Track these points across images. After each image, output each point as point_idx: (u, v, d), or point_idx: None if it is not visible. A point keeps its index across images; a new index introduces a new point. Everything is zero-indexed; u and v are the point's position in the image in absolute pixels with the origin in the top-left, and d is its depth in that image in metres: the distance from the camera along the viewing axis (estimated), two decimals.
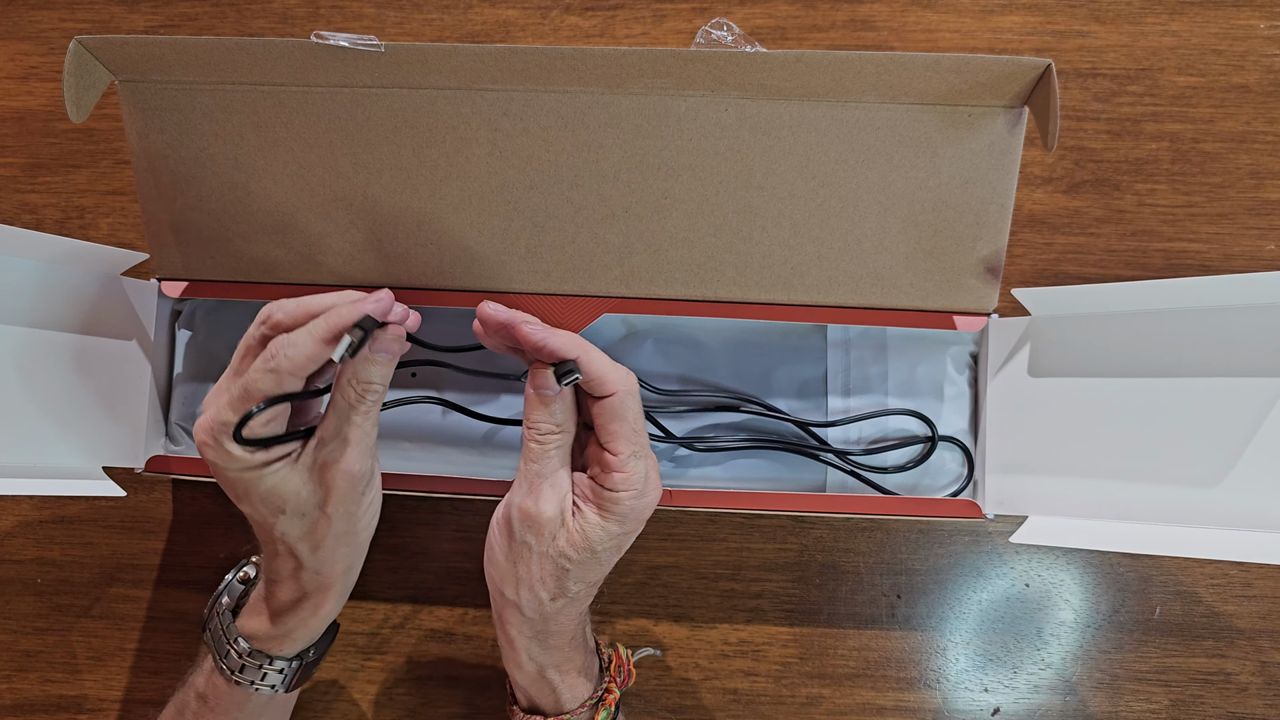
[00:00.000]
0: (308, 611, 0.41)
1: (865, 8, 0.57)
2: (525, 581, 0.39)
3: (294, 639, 0.42)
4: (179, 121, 0.46)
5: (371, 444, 0.39)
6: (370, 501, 0.40)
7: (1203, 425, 0.43)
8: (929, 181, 0.45)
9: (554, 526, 0.38)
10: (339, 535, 0.39)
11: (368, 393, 0.37)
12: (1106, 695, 0.52)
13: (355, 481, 0.38)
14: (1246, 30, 0.55)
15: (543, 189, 0.46)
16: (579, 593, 0.39)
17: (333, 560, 0.40)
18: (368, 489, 0.39)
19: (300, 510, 0.38)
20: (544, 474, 0.38)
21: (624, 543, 0.39)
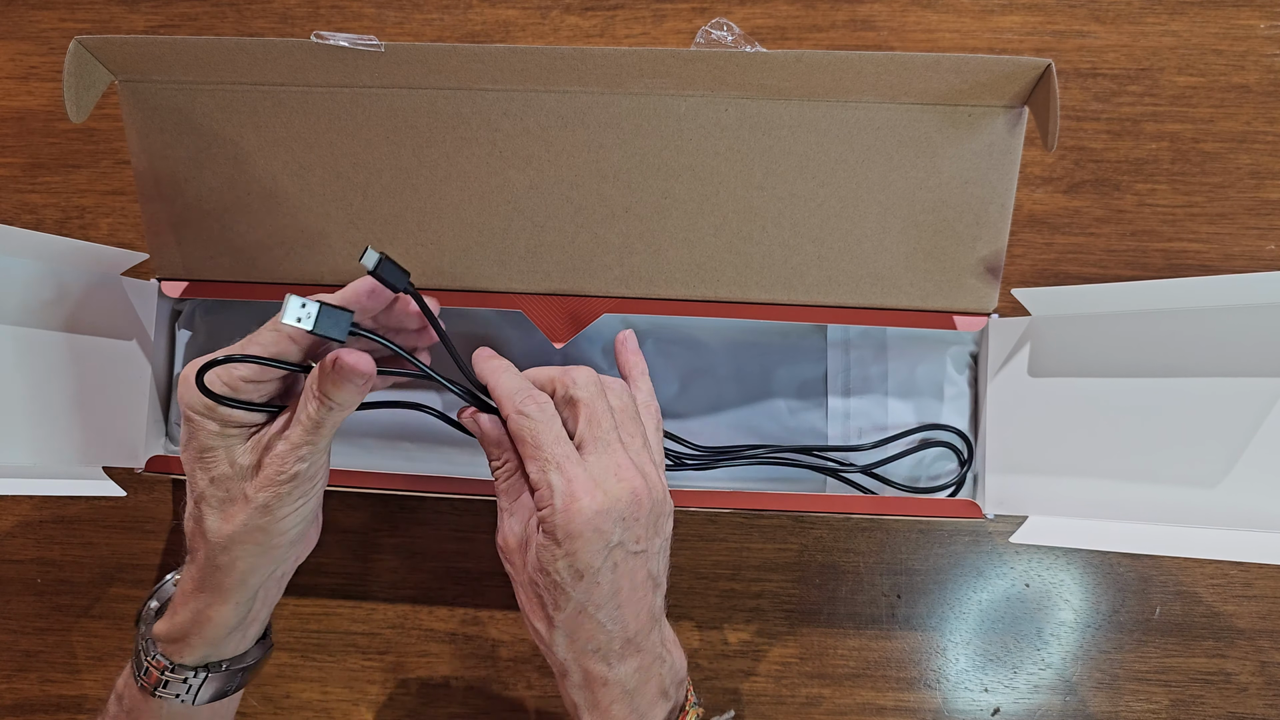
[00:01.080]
0: (200, 609, 0.39)
1: (865, 8, 0.57)
2: (522, 610, 0.39)
3: (190, 644, 0.40)
4: (179, 121, 0.46)
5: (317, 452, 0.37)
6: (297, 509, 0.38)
7: (1203, 425, 0.43)
8: (929, 181, 0.45)
9: (521, 554, 0.37)
10: (251, 527, 0.37)
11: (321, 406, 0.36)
12: (1106, 695, 0.52)
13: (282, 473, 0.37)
14: (1246, 30, 0.55)
15: (543, 189, 0.46)
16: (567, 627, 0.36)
17: (234, 549, 0.38)
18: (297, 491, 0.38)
19: (226, 477, 0.37)
20: (503, 507, 0.38)
21: (579, 564, 0.36)
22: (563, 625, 0.37)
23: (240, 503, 0.37)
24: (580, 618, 0.36)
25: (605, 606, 0.37)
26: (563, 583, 0.36)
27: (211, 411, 0.36)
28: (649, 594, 0.38)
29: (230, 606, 0.40)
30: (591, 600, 0.36)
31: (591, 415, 0.38)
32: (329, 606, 0.55)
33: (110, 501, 0.57)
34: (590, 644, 0.37)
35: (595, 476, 0.36)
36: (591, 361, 0.52)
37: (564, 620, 0.36)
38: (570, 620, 0.36)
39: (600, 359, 0.52)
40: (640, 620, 0.38)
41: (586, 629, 0.37)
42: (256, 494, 0.37)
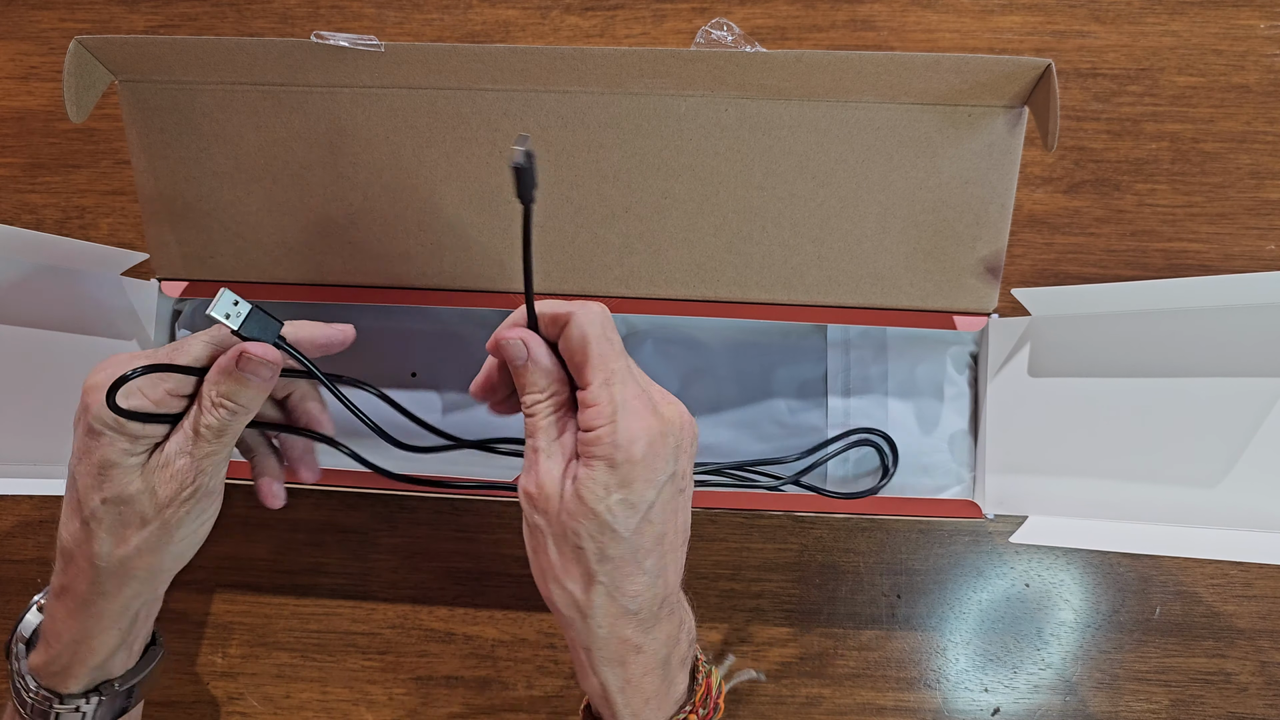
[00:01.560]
0: (78, 639, 0.37)
1: (865, 8, 0.57)
2: (549, 574, 0.34)
3: (73, 674, 0.38)
4: (179, 121, 0.46)
5: (216, 464, 0.35)
6: (193, 528, 0.36)
7: (1203, 425, 0.43)
8: (929, 181, 0.45)
9: (558, 499, 0.33)
10: (145, 549, 0.35)
11: (221, 407, 0.34)
12: (1106, 695, 0.52)
13: (183, 490, 0.35)
14: (1246, 30, 0.55)
15: (543, 189, 0.46)
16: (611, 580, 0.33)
17: (124, 574, 0.36)
18: (195, 508, 0.36)
19: (121, 503, 0.35)
20: (538, 447, 0.34)
21: (633, 497, 0.32)
22: (607, 579, 0.33)
23: (136, 525, 0.35)
24: (627, 567, 0.33)
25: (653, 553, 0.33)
26: (614, 523, 0.32)
27: (122, 427, 0.34)
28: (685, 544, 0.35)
29: (112, 634, 0.38)
30: (642, 545, 0.33)
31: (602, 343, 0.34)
32: (329, 606, 0.55)
33: None
34: (633, 602, 0.33)
35: (652, 396, 0.33)
36: None
37: (609, 573, 0.32)
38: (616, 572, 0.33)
39: None
40: (677, 574, 0.35)
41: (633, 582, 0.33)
42: (157, 514, 0.35)
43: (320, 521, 0.56)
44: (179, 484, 0.35)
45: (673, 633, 0.35)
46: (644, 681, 0.34)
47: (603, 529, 0.32)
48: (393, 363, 0.52)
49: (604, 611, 0.33)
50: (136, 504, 0.35)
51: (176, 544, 0.36)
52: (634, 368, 0.34)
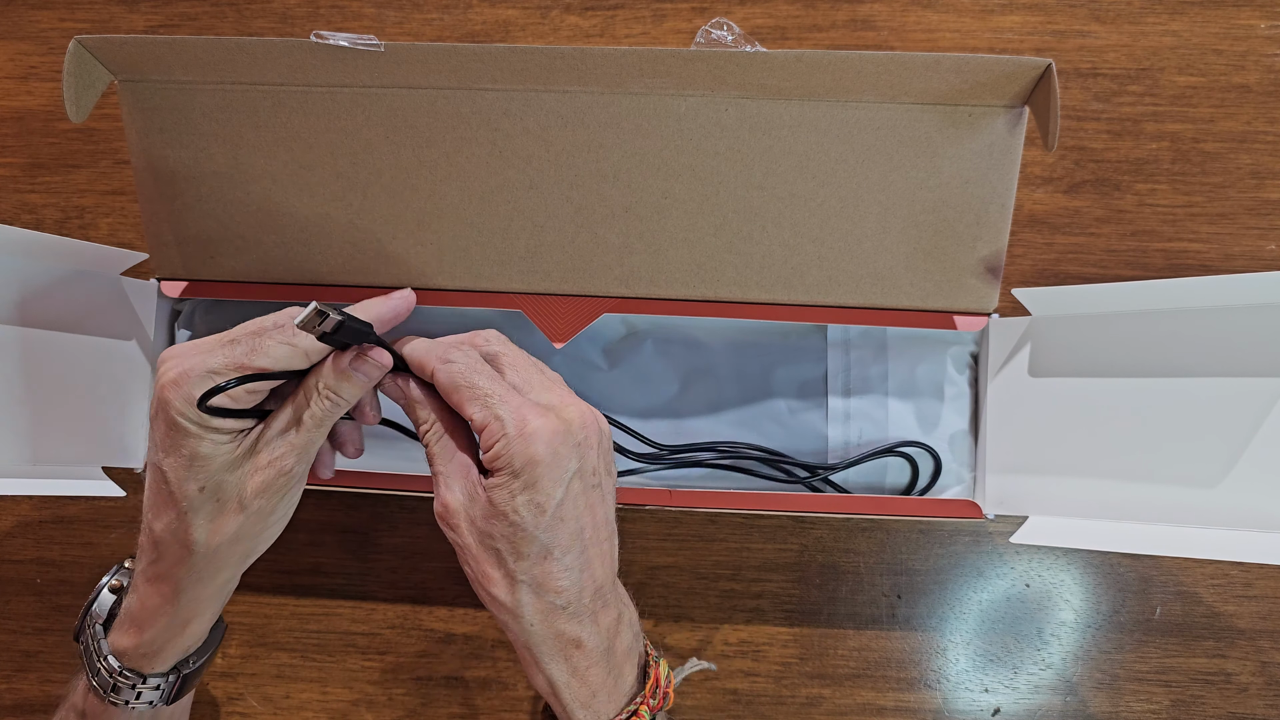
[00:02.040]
0: (176, 626, 0.39)
1: (865, 8, 0.57)
2: (477, 583, 0.36)
3: (163, 656, 0.40)
4: (179, 121, 0.46)
5: (311, 453, 0.37)
6: (284, 511, 0.38)
7: (1203, 425, 0.43)
8: (929, 181, 0.45)
9: (464, 513, 0.35)
10: (242, 535, 0.37)
11: (328, 400, 0.36)
12: (1107, 695, 0.52)
13: (280, 476, 0.36)
14: (1247, 30, 0.55)
15: (543, 189, 0.46)
16: (531, 578, 0.34)
17: (220, 559, 0.37)
18: (287, 493, 0.37)
19: (216, 492, 0.36)
20: (438, 471, 0.37)
21: (539, 497, 0.34)
22: (527, 577, 0.34)
23: (233, 511, 0.36)
24: (546, 564, 0.34)
25: (571, 550, 0.35)
26: (522, 522, 0.34)
27: (207, 423, 0.35)
28: (611, 538, 0.37)
29: (207, 618, 0.39)
30: (557, 542, 0.34)
31: (514, 362, 0.37)
32: (329, 606, 0.55)
33: (110, 502, 0.57)
34: (560, 598, 0.35)
35: (542, 403, 0.35)
36: (591, 361, 0.52)
37: (528, 570, 0.34)
38: (535, 569, 0.34)
39: (600, 359, 0.52)
40: (606, 567, 0.36)
41: (554, 577, 0.35)
42: (253, 499, 0.36)
43: (320, 521, 0.56)
44: (276, 471, 0.36)
45: (611, 624, 0.37)
46: (589, 674, 0.36)
47: (514, 530, 0.34)
48: None
49: (532, 609, 0.35)
50: (231, 491, 0.36)
51: (270, 528, 0.38)
52: (522, 374, 0.37)
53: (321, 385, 0.36)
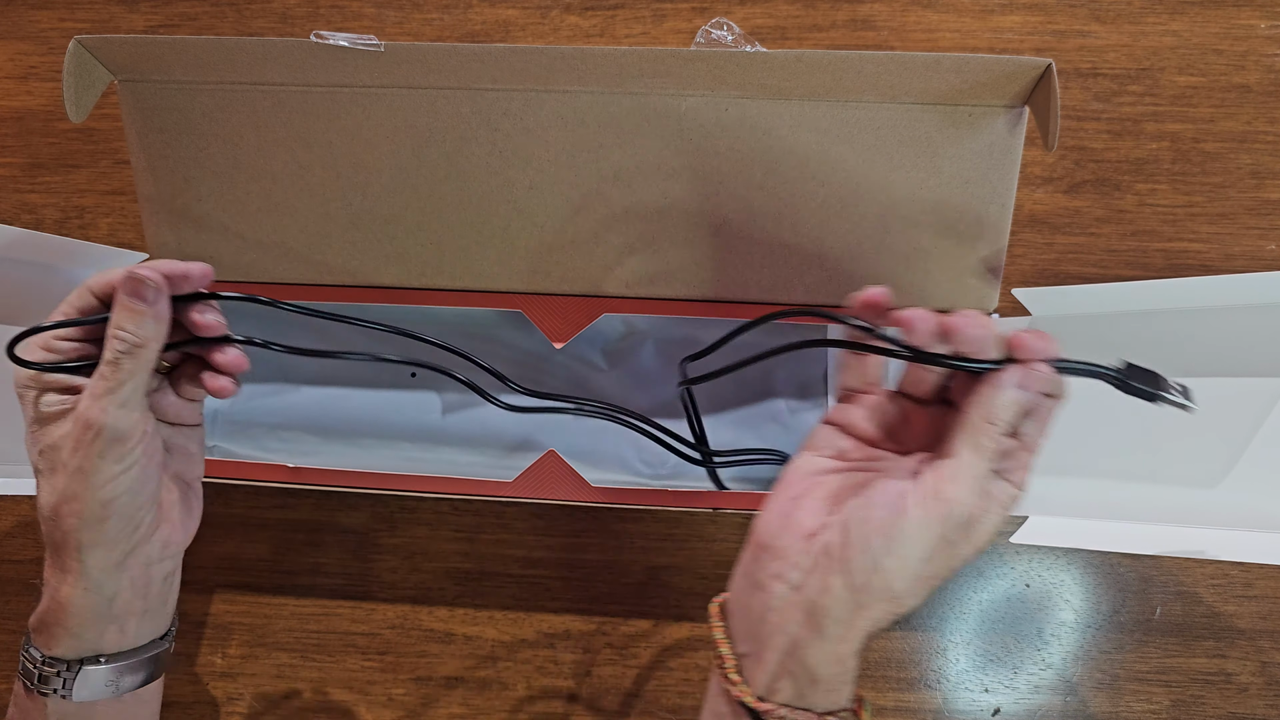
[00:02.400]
0: (52, 591, 0.38)
1: (865, 8, 0.57)
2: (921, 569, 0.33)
3: (53, 633, 0.39)
4: (179, 121, 0.46)
5: (119, 399, 0.35)
6: (116, 476, 0.36)
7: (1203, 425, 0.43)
8: (929, 181, 0.45)
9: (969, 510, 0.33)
10: (69, 494, 0.36)
11: (114, 339, 0.35)
12: (1107, 695, 0.52)
13: (88, 430, 0.35)
14: (1247, 30, 0.55)
15: (543, 189, 0.46)
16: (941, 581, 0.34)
17: (62, 521, 0.37)
18: (108, 450, 0.36)
19: (51, 447, 0.36)
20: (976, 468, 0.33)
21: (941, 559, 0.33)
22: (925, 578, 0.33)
23: (60, 470, 0.36)
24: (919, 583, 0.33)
25: None
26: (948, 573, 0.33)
27: (37, 381, 0.36)
28: None
29: (78, 588, 0.38)
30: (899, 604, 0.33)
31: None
32: (329, 606, 0.55)
33: None
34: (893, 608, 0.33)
35: None
36: (591, 361, 0.52)
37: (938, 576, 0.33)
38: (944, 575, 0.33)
39: (600, 359, 0.52)
40: None
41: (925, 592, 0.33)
42: (70, 458, 0.36)
43: (320, 521, 0.56)
44: (84, 424, 0.35)
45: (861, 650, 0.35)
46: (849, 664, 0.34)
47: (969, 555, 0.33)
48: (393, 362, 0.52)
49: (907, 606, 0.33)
50: (58, 451, 0.36)
51: (100, 490, 0.36)
52: None
53: (110, 327, 0.36)
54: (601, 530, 0.55)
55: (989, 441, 0.33)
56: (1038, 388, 0.33)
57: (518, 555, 0.55)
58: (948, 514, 0.32)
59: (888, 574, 0.32)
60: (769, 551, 0.35)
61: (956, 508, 0.32)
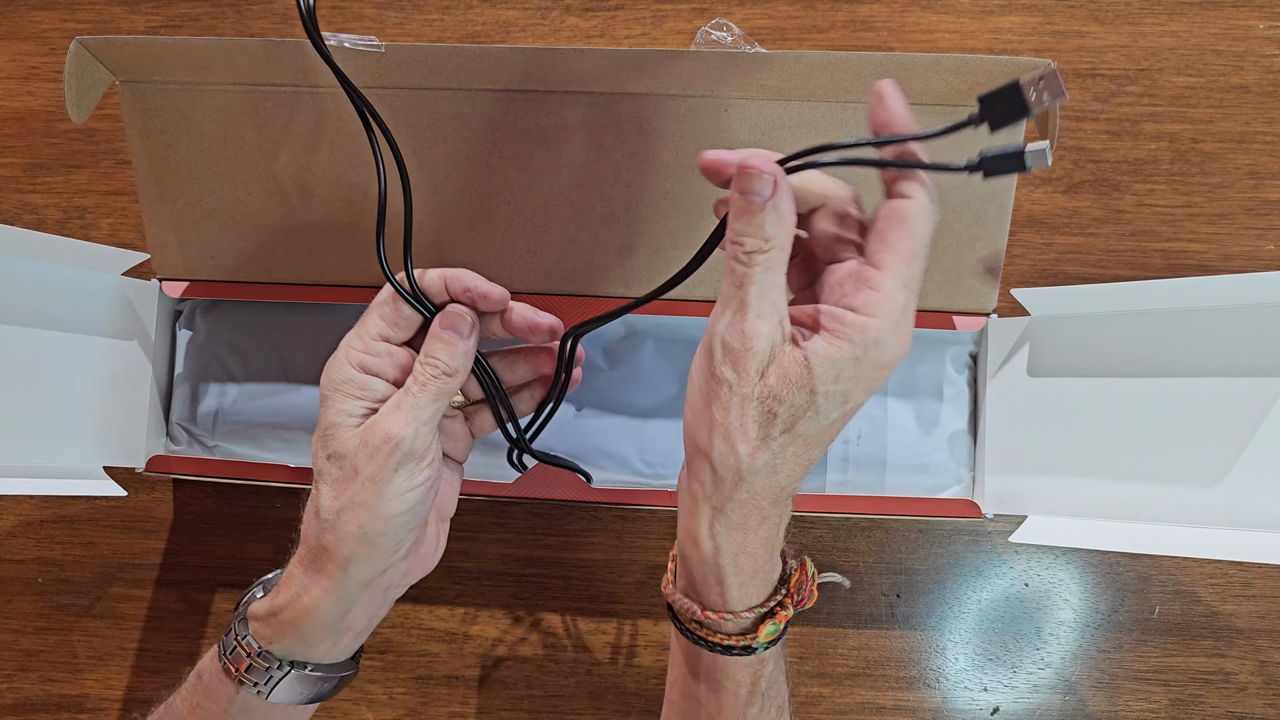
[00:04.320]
0: (299, 590, 0.38)
1: (865, 8, 0.57)
2: (719, 428, 0.32)
3: (282, 629, 0.39)
4: (179, 121, 0.46)
5: (423, 419, 0.37)
6: (406, 486, 0.37)
7: (1202, 425, 0.43)
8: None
9: (761, 360, 0.31)
10: (358, 498, 0.36)
11: (426, 365, 0.37)
12: (1106, 695, 0.52)
13: (388, 442, 0.36)
14: (1246, 30, 0.56)
15: (543, 189, 0.46)
16: (783, 450, 0.32)
17: (341, 527, 0.37)
18: (403, 465, 0.36)
19: (340, 453, 0.37)
20: (748, 300, 0.32)
21: (852, 390, 0.31)
22: (779, 451, 0.32)
23: (351, 477, 0.37)
24: (800, 448, 0.32)
25: (820, 446, 0.33)
26: (823, 405, 0.31)
27: (351, 386, 0.37)
28: None
29: (329, 594, 0.38)
30: (823, 437, 0.32)
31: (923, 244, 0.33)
32: None
33: (111, 501, 0.57)
34: (787, 479, 0.33)
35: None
36: (591, 361, 0.52)
37: (784, 446, 0.32)
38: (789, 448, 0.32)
39: (600, 359, 0.52)
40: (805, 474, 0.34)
41: (797, 464, 0.33)
42: (365, 465, 0.36)
43: None
44: (384, 435, 0.36)
45: (785, 516, 0.35)
46: (757, 553, 0.34)
47: (810, 407, 0.31)
48: None
49: (760, 479, 0.32)
50: (352, 458, 0.37)
51: (387, 502, 0.37)
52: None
53: (422, 355, 0.37)
54: (601, 530, 0.55)
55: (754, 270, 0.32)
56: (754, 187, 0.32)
57: (518, 555, 0.55)
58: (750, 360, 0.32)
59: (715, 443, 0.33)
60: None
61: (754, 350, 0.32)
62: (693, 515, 0.34)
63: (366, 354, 0.37)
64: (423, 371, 0.37)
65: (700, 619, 0.35)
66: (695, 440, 0.34)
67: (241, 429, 0.52)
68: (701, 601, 0.35)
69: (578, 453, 0.51)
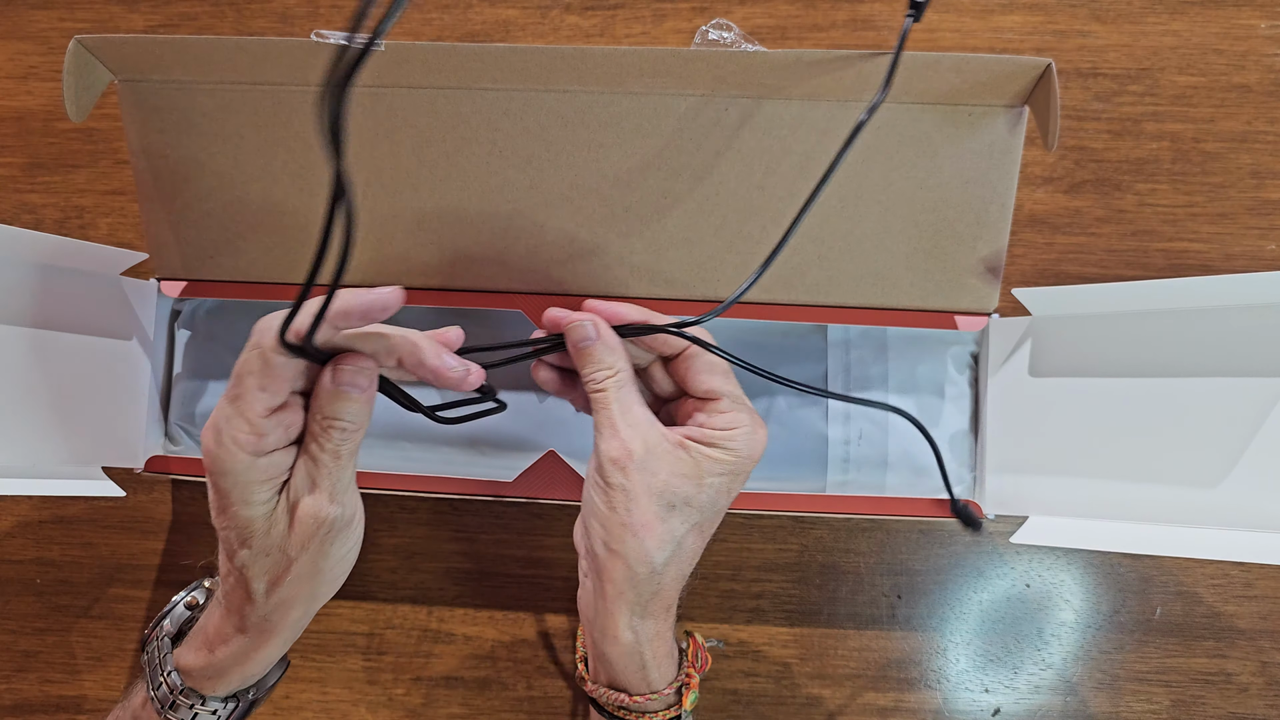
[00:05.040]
0: (243, 653, 0.38)
1: (865, 7, 0.57)
2: (630, 528, 0.36)
3: (227, 680, 0.39)
4: (178, 121, 0.46)
5: (343, 486, 0.35)
6: (342, 553, 0.37)
7: (1203, 425, 0.43)
8: (929, 181, 0.45)
9: (644, 461, 0.36)
10: (298, 579, 0.36)
11: (331, 429, 0.34)
12: (1107, 696, 0.52)
13: (320, 526, 0.35)
14: (1247, 30, 0.55)
15: (543, 189, 0.46)
16: (685, 538, 0.37)
17: (285, 607, 0.37)
18: (338, 537, 0.36)
19: (265, 547, 0.35)
20: (614, 419, 0.37)
21: (733, 484, 0.38)
22: (680, 538, 0.37)
23: (285, 566, 0.36)
24: (697, 535, 0.38)
25: (710, 532, 0.39)
26: (713, 497, 0.37)
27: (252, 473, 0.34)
28: None
29: (278, 647, 0.39)
30: (714, 523, 0.39)
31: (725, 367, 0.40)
32: (329, 606, 0.55)
33: (110, 502, 0.57)
34: (688, 566, 0.38)
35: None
36: None
37: (684, 533, 0.37)
38: (690, 535, 0.38)
39: None
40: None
41: (693, 549, 0.38)
42: (299, 554, 0.35)
43: None
44: (313, 520, 0.35)
45: (678, 606, 0.40)
46: (664, 638, 0.39)
47: (701, 498, 0.37)
48: None
49: (670, 570, 0.37)
50: (282, 548, 0.35)
51: (329, 572, 0.37)
52: None
53: (319, 416, 0.34)
54: None
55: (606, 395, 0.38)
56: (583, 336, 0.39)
57: (518, 555, 0.55)
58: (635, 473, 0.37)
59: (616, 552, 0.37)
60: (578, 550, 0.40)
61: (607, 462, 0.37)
62: (610, 616, 0.38)
63: (257, 435, 0.33)
64: (328, 438, 0.34)
65: (629, 704, 0.39)
66: (607, 545, 0.37)
67: None
68: (626, 689, 0.39)
69: (578, 452, 0.51)
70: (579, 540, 0.40)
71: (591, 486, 0.38)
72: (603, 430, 0.37)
